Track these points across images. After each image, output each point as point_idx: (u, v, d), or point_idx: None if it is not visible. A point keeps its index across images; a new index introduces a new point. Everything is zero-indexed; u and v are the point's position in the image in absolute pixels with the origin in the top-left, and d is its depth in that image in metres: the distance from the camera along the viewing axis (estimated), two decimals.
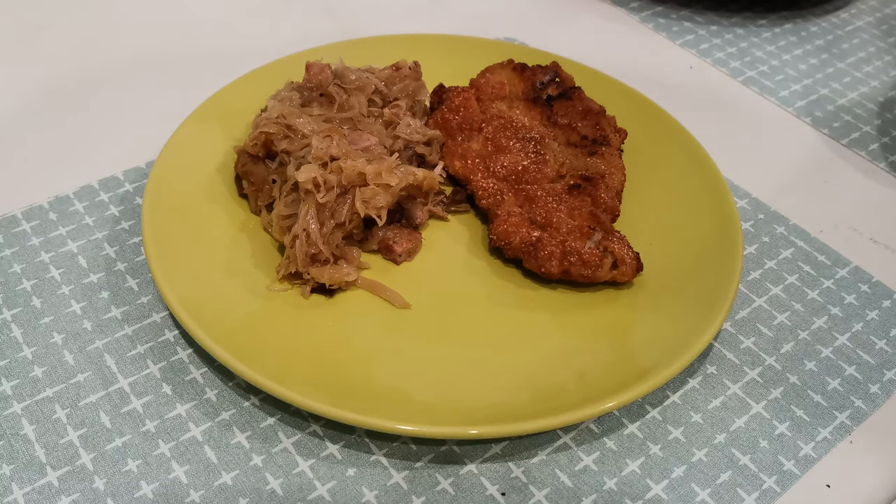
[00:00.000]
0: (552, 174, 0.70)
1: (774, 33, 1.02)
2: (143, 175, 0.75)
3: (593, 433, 0.57)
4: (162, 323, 0.62)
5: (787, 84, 0.93)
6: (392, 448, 0.55)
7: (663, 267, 0.65)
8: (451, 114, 0.73)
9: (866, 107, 0.91)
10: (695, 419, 0.58)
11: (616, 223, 0.68)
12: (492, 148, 0.71)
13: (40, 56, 0.90)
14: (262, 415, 0.57)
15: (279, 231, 0.64)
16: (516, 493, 0.53)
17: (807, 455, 0.57)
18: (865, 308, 0.67)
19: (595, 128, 0.73)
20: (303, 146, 0.66)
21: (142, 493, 0.52)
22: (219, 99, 0.75)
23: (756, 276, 0.69)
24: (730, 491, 0.54)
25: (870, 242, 0.74)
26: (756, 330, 0.65)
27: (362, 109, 0.71)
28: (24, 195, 0.72)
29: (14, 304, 0.63)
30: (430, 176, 0.65)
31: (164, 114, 0.77)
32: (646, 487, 0.54)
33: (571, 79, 0.77)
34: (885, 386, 0.62)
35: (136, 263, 0.67)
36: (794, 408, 0.60)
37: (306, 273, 0.61)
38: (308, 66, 0.71)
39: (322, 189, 0.61)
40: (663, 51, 0.98)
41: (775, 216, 0.75)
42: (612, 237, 0.63)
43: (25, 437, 0.55)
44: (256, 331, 0.58)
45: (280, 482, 0.53)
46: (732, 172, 0.79)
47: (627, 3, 1.05)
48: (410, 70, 0.75)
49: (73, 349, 0.60)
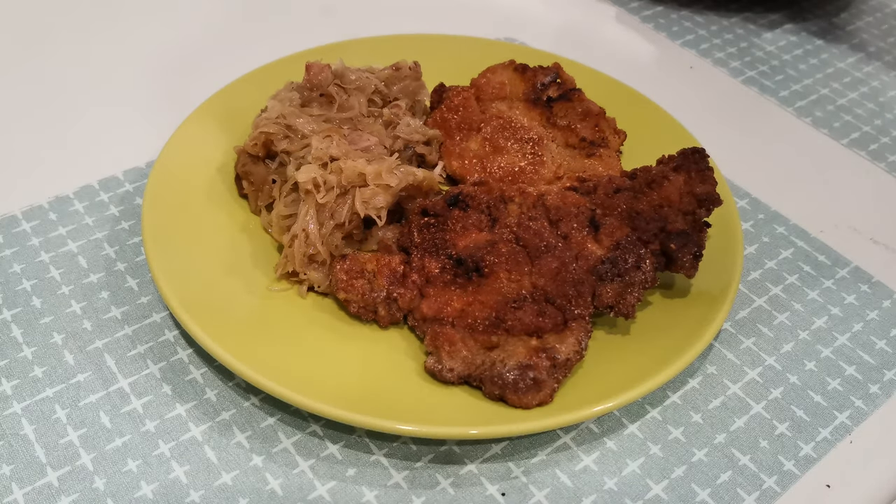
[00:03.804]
0: (549, 176, 0.70)
1: (774, 33, 1.02)
2: (143, 175, 0.75)
3: (593, 433, 0.57)
4: (162, 323, 0.62)
5: (787, 84, 0.93)
6: (392, 448, 0.55)
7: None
8: (451, 113, 0.73)
9: (866, 107, 0.91)
10: (695, 419, 0.58)
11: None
12: (490, 148, 0.71)
13: (40, 55, 0.90)
14: (262, 415, 0.57)
15: (279, 231, 0.64)
16: (516, 493, 0.53)
17: (807, 455, 0.57)
18: (865, 308, 0.67)
19: (594, 130, 0.73)
20: (303, 146, 0.66)
21: (142, 493, 0.52)
22: (219, 99, 0.75)
23: (756, 276, 0.69)
24: (730, 491, 0.54)
25: (870, 242, 0.74)
26: (756, 330, 0.65)
27: (362, 109, 0.71)
28: (24, 195, 0.72)
29: (14, 304, 0.63)
30: (429, 176, 0.65)
31: (164, 114, 0.77)
32: (646, 487, 0.54)
33: (572, 80, 0.77)
34: (885, 386, 0.62)
35: (136, 263, 0.67)
36: (794, 408, 0.60)
37: (303, 273, 0.61)
38: (308, 66, 0.71)
39: (322, 189, 0.61)
40: (663, 51, 0.98)
41: (775, 216, 0.75)
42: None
43: (25, 437, 0.55)
44: (256, 331, 0.58)
45: (280, 482, 0.53)
46: (732, 172, 0.79)
47: (627, 3, 1.05)
48: (410, 70, 0.75)
49: (73, 349, 0.60)
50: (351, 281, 0.59)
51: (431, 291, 0.59)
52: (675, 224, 0.60)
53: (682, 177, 0.62)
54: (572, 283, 0.58)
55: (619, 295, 0.58)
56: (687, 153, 0.63)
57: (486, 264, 0.58)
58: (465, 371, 0.56)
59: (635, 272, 0.58)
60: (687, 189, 0.62)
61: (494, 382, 0.54)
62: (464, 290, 0.58)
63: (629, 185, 0.63)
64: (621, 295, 0.58)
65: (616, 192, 0.62)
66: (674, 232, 0.60)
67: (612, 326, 0.61)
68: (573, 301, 0.57)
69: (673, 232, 0.60)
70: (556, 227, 0.61)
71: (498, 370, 0.54)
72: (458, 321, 0.57)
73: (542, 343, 0.55)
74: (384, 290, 0.59)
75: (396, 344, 0.59)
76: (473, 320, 0.57)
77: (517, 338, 0.56)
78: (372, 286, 0.59)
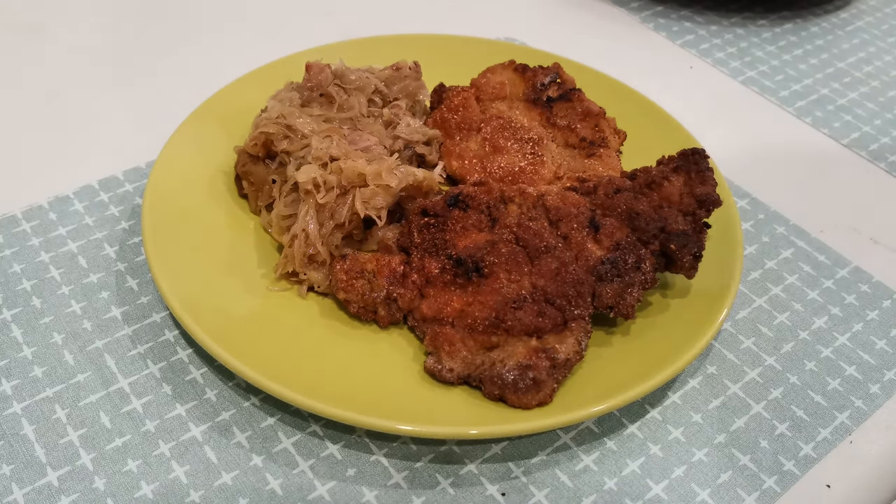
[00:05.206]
0: (549, 176, 0.70)
1: (774, 33, 1.02)
2: (143, 175, 0.75)
3: (593, 433, 0.57)
4: (162, 323, 0.62)
5: (787, 84, 0.93)
6: (392, 448, 0.55)
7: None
8: (451, 113, 0.73)
9: (866, 107, 0.91)
10: (695, 419, 0.58)
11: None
12: (489, 148, 0.71)
13: (40, 56, 0.90)
14: (262, 415, 0.57)
15: (279, 231, 0.64)
16: (516, 493, 0.53)
17: (807, 455, 0.57)
18: (865, 308, 0.67)
19: (594, 130, 0.73)
20: (303, 146, 0.66)
21: (142, 493, 0.52)
22: (219, 99, 0.75)
23: (756, 276, 0.69)
24: (730, 491, 0.54)
25: (870, 242, 0.74)
26: (756, 330, 0.65)
27: (362, 109, 0.71)
28: (24, 195, 0.72)
29: (14, 304, 0.63)
30: (429, 176, 0.65)
31: (164, 114, 0.77)
32: (646, 487, 0.54)
33: (572, 80, 0.77)
34: (885, 386, 0.62)
35: (136, 263, 0.67)
36: (794, 408, 0.60)
37: (303, 273, 0.61)
38: (308, 66, 0.71)
39: (322, 189, 0.61)
40: (663, 51, 0.98)
41: (775, 216, 0.75)
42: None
43: (25, 437, 0.55)
44: (256, 331, 0.58)
45: (280, 482, 0.53)
46: (732, 172, 0.79)
47: (627, 3, 1.05)
48: (410, 70, 0.75)
49: (73, 349, 0.60)
50: (351, 281, 0.59)
51: (431, 291, 0.59)
52: (674, 224, 0.60)
53: (681, 177, 0.62)
54: (572, 283, 0.58)
55: (619, 295, 0.58)
56: (687, 154, 0.63)
57: (485, 265, 0.58)
58: (465, 371, 0.56)
59: (635, 272, 0.58)
60: (687, 190, 0.62)
61: (494, 382, 0.54)
62: (464, 290, 0.58)
63: (629, 186, 0.63)
64: (621, 295, 0.58)
65: (616, 193, 0.62)
66: (674, 232, 0.60)
67: (612, 326, 0.61)
68: (573, 301, 0.57)
69: (673, 232, 0.60)
70: (556, 227, 0.61)
71: (498, 370, 0.54)
72: (458, 321, 0.57)
73: (542, 343, 0.55)
74: (384, 291, 0.59)
75: (396, 344, 0.59)
76: (473, 320, 0.57)
77: (517, 338, 0.56)
78: (372, 286, 0.59)
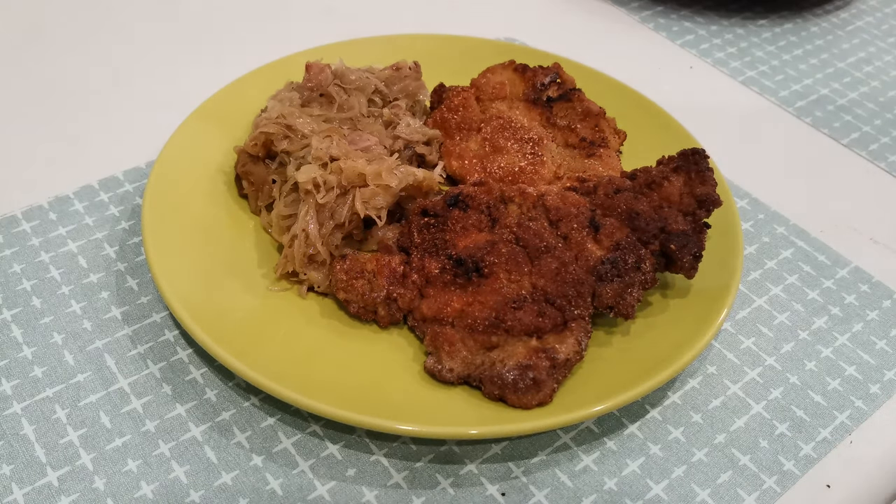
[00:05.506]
0: (549, 176, 0.70)
1: (774, 33, 1.02)
2: (143, 175, 0.75)
3: (593, 433, 0.57)
4: (162, 323, 0.62)
5: (787, 84, 0.93)
6: (392, 448, 0.55)
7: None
8: (451, 113, 0.73)
9: (866, 107, 0.91)
10: (695, 419, 0.58)
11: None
12: (489, 148, 0.71)
13: (40, 56, 0.90)
14: (262, 415, 0.57)
15: (279, 231, 0.64)
16: (516, 493, 0.53)
17: (807, 455, 0.57)
18: (865, 308, 0.67)
19: (594, 130, 0.73)
20: (303, 146, 0.66)
21: (142, 493, 0.52)
22: (219, 99, 0.75)
23: (756, 276, 0.69)
24: (730, 491, 0.54)
25: (870, 242, 0.74)
26: (756, 330, 0.65)
27: (362, 109, 0.71)
28: (24, 195, 0.72)
29: (14, 304, 0.63)
30: (429, 176, 0.65)
31: (164, 114, 0.77)
32: (646, 487, 0.54)
33: (572, 80, 0.77)
34: (885, 386, 0.62)
35: (136, 263, 0.67)
36: (794, 408, 0.60)
37: (303, 273, 0.61)
38: (308, 66, 0.71)
39: (322, 189, 0.61)
40: (663, 51, 0.98)
41: (775, 216, 0.75)
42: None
43: (25, 437, 0.55)
44: (256, 331, 0.58)
45: (280, 482, 0.53)
46: (732, 172, 0.79)
47: (627, 3, 1.05)
48: (410, 70, 0.75)
49: (73, 349, 0.60)
50: (351, 281, 0.59)
51: (431, 292, 0.59)
52: (674, 225, 0.60)
53: (681, 177, 0.62)
54: (572, 283, 0.58)
55: (619, 295, 0.58)
56: (687, 154, 0.63)
57: (485, 265, 0.58)
58: (465, 371, 0.56)
59: (635, 273, 0.58)
60: (687, 190, 0.62)
61: (494, 382, 0.54)
62: (464, 290, 0.58)
63: (629, 186, 0.63)
64: (621, 295, 0.58)
65: (616, 193, 0.62)
66: (674, 232, 0.60)
67: (612, 326, 0.61)
68: (573, 301, 0.57)
69: (673, 232, 0.60)
70: (556, 227, 0.61)
71: (498, 370, 0.54)
72: (458, 321, 0.57)
73: (542, 343, 0.55)
74: (384, 291, 0.59)
75: (396, 344, 0.59)
76: (473, 320, 0.57)
77: (517, 338, 0.56)
78: (372, 286, 0.59)
